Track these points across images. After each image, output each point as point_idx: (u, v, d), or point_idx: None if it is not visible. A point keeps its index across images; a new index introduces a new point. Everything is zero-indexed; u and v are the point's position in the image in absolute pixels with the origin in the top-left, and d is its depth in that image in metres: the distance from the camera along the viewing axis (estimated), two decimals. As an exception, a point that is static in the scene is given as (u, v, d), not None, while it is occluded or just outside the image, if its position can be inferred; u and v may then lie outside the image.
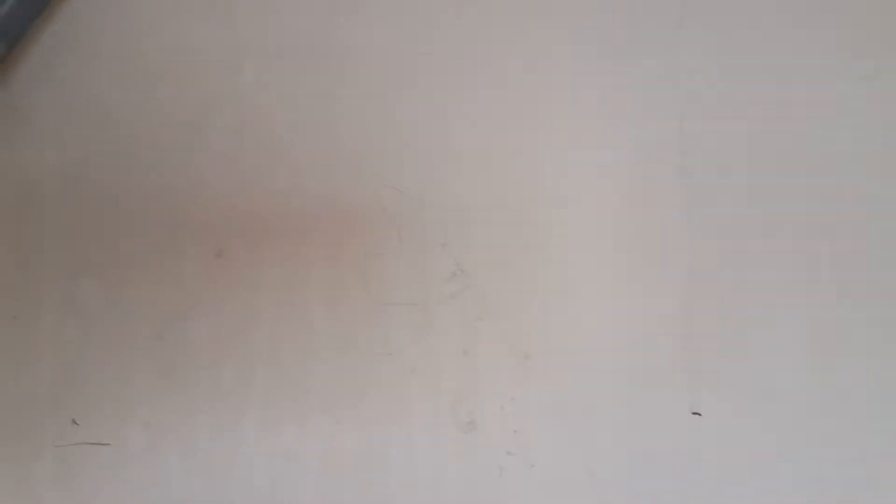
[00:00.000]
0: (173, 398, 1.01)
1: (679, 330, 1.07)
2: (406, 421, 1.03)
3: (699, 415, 1.06)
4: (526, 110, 1.09)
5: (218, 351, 1.02)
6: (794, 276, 1.09)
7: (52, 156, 1.01)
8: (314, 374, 1.02)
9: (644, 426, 1.06)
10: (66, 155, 1.01)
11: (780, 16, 1.11)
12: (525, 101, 1.09)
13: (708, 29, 1.11)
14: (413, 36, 1.08)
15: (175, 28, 1.04)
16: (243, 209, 1.03)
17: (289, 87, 1.05)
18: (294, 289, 1.03)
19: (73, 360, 1.01)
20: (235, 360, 1.02)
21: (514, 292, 1.06)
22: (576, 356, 1.06)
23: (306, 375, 1.02)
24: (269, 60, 1.05)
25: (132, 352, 1.01)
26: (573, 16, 1.10)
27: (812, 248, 1.09)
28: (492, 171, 1.08)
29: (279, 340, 1.02)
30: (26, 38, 0.97)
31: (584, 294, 1.07)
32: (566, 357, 1.06)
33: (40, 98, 1.01)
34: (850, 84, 1.11)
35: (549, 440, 1.05)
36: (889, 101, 1.12)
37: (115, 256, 1.01)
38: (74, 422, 1.02)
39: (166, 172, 1.03)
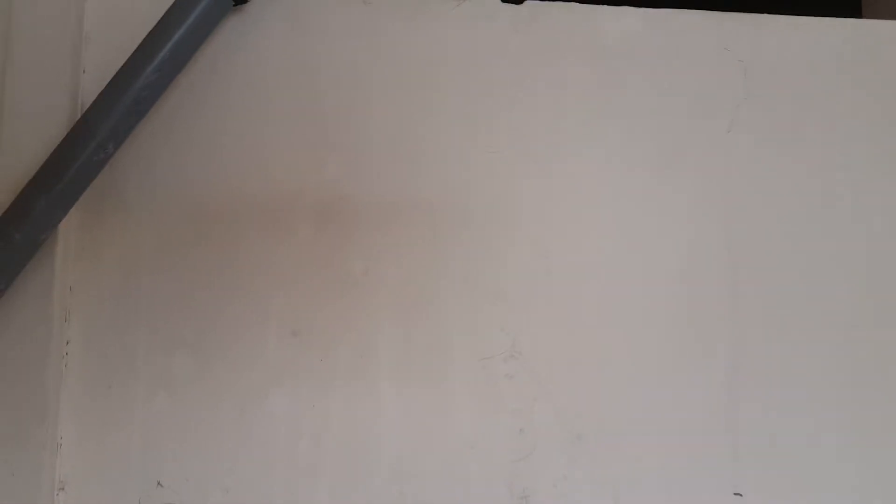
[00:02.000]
0: (252, 467, 1.10)
1: (723, 414, 1.13)
2: (465, 494, 1.10)
3: (741, 496, 1.12)
4: (584, 203, 1.17)
5: (294, 424, 1.10)
6: (838, 365, 1.14)
7: (150, 242, 1.11)
8: (381, 450, 1.10)
9: (688, 505, 1.11)
10: (163, 240, 1.11)
11: (828, 121, 1.18)
12: (584, 195, 1.17)
13: (756, 133, 1.18)
14: (481, 134, 1.16)
15: (262, 126, 1.14)
16: (318, 292, 1.12)
17: (367, 180, 1.14)
18: (364, 368, 1.11)
19: (162, 428, 1.10)
20: (310, 434, 1.10)
21: (568, 375, 1.13)
22: (625, 437, 1.13)
23: (374, 450, 1.10)
24: (351, 155, 1.14)
25: (216, 422, 1.10)
26: (625, 121, 1.18)
27: (855, 338, 1.15)
28: (549, 259, 1.15)
29: (350, 417, 1.10)
30: (129, 139, 1.07)
31: (634, 377, 1.14)
32: (616, 438, 1.13)
33: (140, 190, 1.12)
34: (891, 181, 1.17)
35: (597, 516, 1.11)
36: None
37: (204, 334, 1.10)
38: (160, 484, 1.11)
39: (252, 258, 1.12)
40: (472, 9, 1.18)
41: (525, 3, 1.19)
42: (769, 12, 1.22)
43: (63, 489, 1.11)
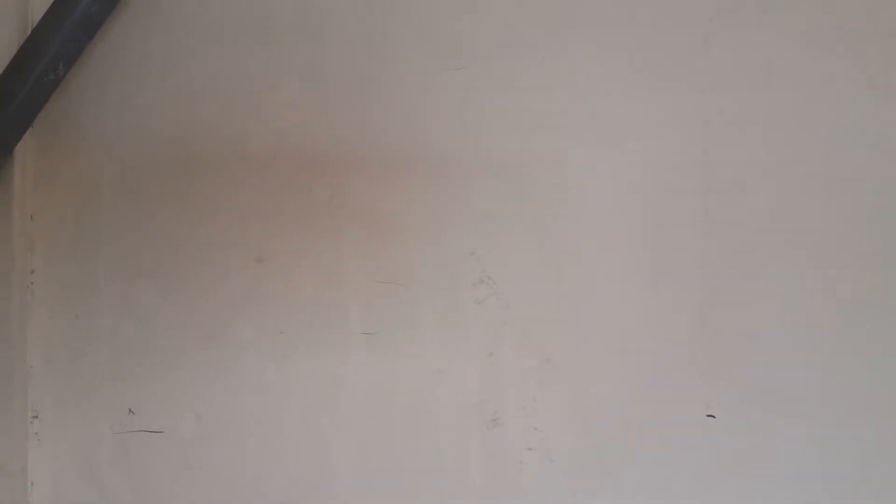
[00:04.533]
0: (221, 393, 1.10)
1: (695, 335, 1.11)
2: (434, 418, 1.11)
3: (713, 417, 1.11)
4: (553, 122, 1.13)
5: (260, 348, 1.10)
6: (809, 284, 1.11)
7: (108, 167, 1.09)
8: (349, 376, 1.10)
9: (659, 427, 1.11)
10: (120, 166, 1.09)
11: (804, 33, 1.12)
12: (553, 113, 1.13)
13: (732, 46, 1.13)
14: (444, 52, 1.12)
15: (216, 50, 1.10)
16: (282, 218, 1.10)
17: (324, 103, 1.11)
18: (329, 293, 1.10)
19: (130, 356, 1.10)
20: (276, 357, 1.10)
21: (537, 299, 1.12)
22: (595, 360, 1.12)
23: (342, 375, 1.10)
24: (305, 78, 1.10)
25: (183, 350, 1.10)
26: (602, 31, 1.12)
27: (827, 259, 1.11)
28: (519, 181, 1.12)
29: (316, 340, 1.10)
30: (81, 61, 1.04)
31: (604, 300, 1.12)
32: (586, 360, 1.12)
33: (95, 114, 1.09)
34: (874, 98, 1.12)
35: (567, 438, 1.11)
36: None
37: (167, 262, 1.09)
38: (131, 411, 1.11)
39: (210, 184, 1.10)
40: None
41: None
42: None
43: (37, 417, 1.12)
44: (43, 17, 1.00)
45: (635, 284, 1.12)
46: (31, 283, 1.10)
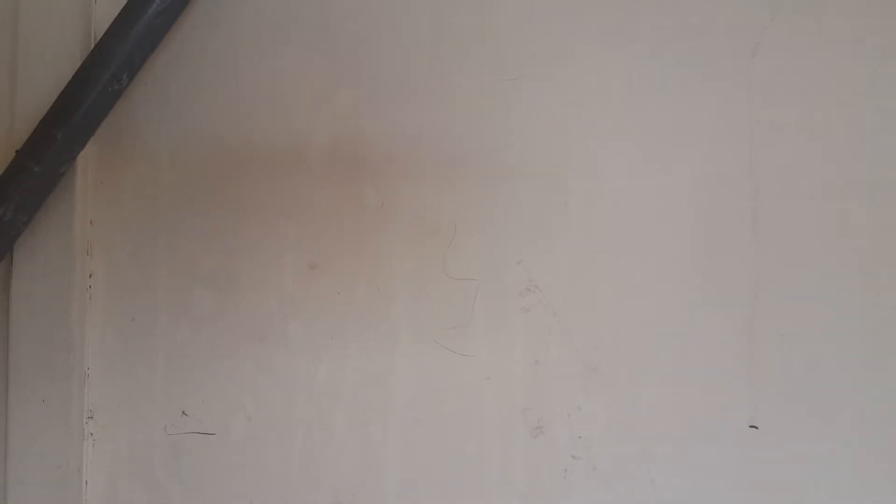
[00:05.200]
0: (273, 394, 1.12)
1: (740, 346, 1.12)
2: (480, 424, 1.12)
3: (756, 428, 1.12)
4: (601, 132, 1.14)
5: (311, 351, 1.12)
6: (856, 295, 1.12)
7: (167, 174, 1.12)
8: (398, 380, 1.12)
9: (703, 437, 1.12)
10: (180, 173, 1.12)
11: (854, 43, 1.13)
12: (601, 123, 1.14)
13: (782, 55, 1.14)
14: (498, 62, 1.14)
15: (274, 58, 1.13)
16: (334, 225, 1.13)
17: (378, 111, 1.13)
18: (379, 298, 1.12)
19: (184, 358, 1.13)
20: (327, 361, 1.12)
21: (584, 307, 1.13)
22: (640, 369, 1.13)
23: (391, 380, 1.12)
24: (362, 87, 1.12)
25: (237, 352, 1.12)
26: (652, 39, 1.14)
27: (875, 269, 1.12)
28: (566, 191, 1.14)
29: (367, 346, 1.12)
30: (143, 71, 1.07)
31: (650, 309, 1.13)
32: (631, 369, 1.13)
33: (156, 122, 1.12)
34: None
35: (611, 446, 1.12)
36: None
37: (223, 267, 1.12)
38: (184, 413, 1.14)
39: (265, 190, 1.12)
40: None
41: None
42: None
43: (92, 417, 1.15)
44: (108, 30, 1.03)
45: (680, 293, 1.13)
46: (90, 287, 1.13)
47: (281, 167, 1.12)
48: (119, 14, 1.02)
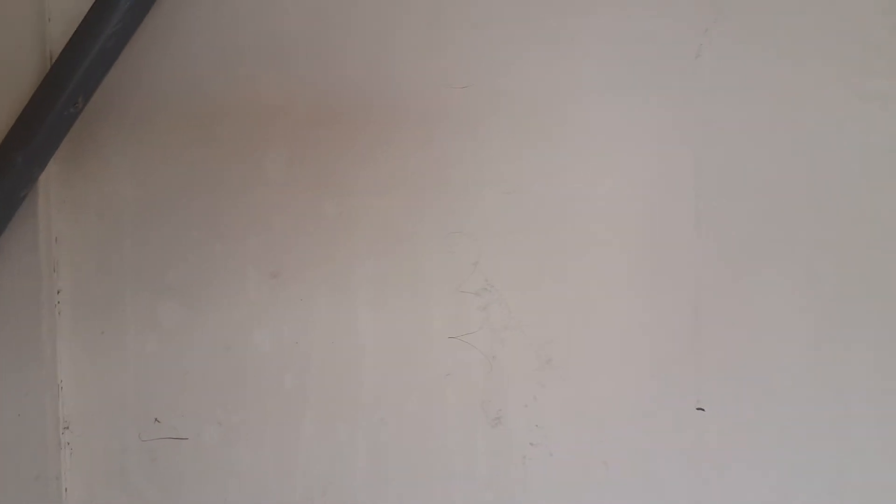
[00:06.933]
0: (242, 399, 1.17)
1: (686, 335, 1.18)
2: (442, 418, 1.18)
3: (703, 410, 1.19)
4: (551, 136, 1.18)
5: (277, 359, 1.17)
6: (797, 284, 1.18)
7: (130, 191, 1.15)
8: (363, 382, 1.17)
9: (653, 420, 1.18)
10: (143, 189, 1.15)
11: (794, 46, 1.17)
12: (551, 124, 1.18)
13: (724, 59, 1.18)
14: (448, 70, 1.17)
15: (228, 74, 1.16)
16: (294, 234, 1.17)
17: (333, 124, 1.16)
18: (341, 304, 1.17)
19: (154, 368, 1.17)
20: (293, 367, 1.17)
21: (538, 304, 1.19)
22: (592, 360, 1.19)
23: (356, 381, 1.17)
24: (316, 101, 1.16)
25: (205, 361, 1.17)
26: (599, 43, 1.18)
27: (815, 260, 1.17)
28: (519, 194, 1.18)
29: (331, 352, 1.17)
30: (99, 92, 1.09)
31: (601, 304, 1.19)
32: (583, 361, 1.19)
33: (116, 141, 1.14)
34: (861, 107, 1.16)
35: (567, 433, 1.19)
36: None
37: (187, 279, 1.16)
38: (157, 420, 1.18)
39: (227, 204, 1.16)
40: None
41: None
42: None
43: (67, 428, 1.19)
44: (61, 54, 1.05)
45: (630, 288, 1.19)
46: (58, 303, 1.16)
47: (241, 182, 1.16)
48: (72, 38, 1.04)
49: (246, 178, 1.16)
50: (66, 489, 1.18)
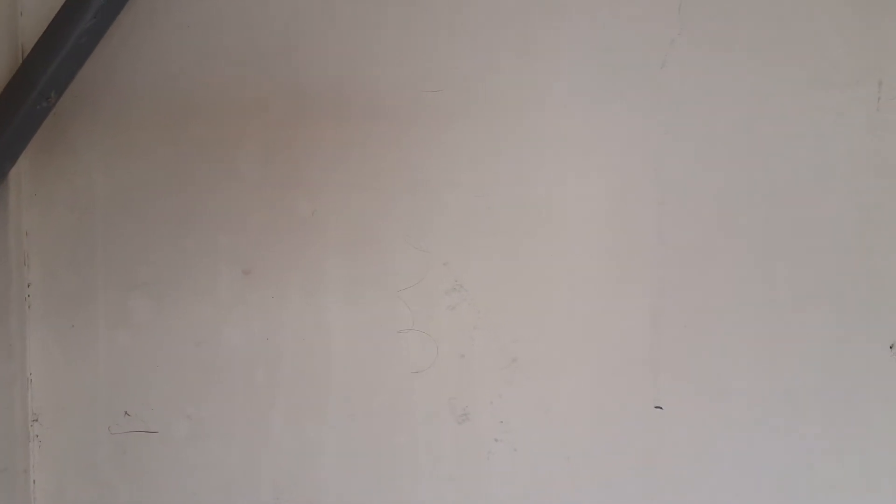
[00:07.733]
0: (212, 394, 1.19)
1: (646, 336, 1.22)
2: (410, 415, 1.21)
3: (661, 409, 1.23)
4: (521, 141, 1.21)
5: (248, 354, 1.19)
6: (751, 289, 1.22)
7: (102, 185, 1.15)
8: (332, 379, 1.20)
9: (613, 418, 1.23)
10: (114, 184, 1.16)
11: (755, 60, 1.21)
12: (521, 130, 1.21)
13: (688, 70, 1.21)
14: (422, 75, 1.20)
15: (204, 72, 1.16)
16: (267, 232, 1.18)
17: (308, 123, 1.18)
18: (312, 301, 1.19)
19: (125, 362, 1.18)
20: (264, 363, 1.19)
21: (505, 305, 1.22)
22: (556, 359, 1.22)
23: (325, 379, 1.20)
24: (291, 101, 1.17)
25: (175, 356, 1.18)
26: (568, 53, 1.21)
27: (770, 266, 1.21)
28: (489, 197, 1.21)
29: (302, 349, 1.19)
30: (72, 87, 1.09)
31: (565, 305, 1.22)
32: (548, 360, 1.22)
33: (88, 135, 1.15)
34: (817, 118, 1.20)
35: (530, 429, 1.23)
36: (852, 134, 1.20)
37: (158, 274, 1.17)
38: (127, 413, 1.19)
39: (200, 200, 1.17)
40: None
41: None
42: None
43: (37, 420, 1.19)
44: (33, 49, 1.04)
45: (593, 290, 1.22)
46: (28, 296, 1.16)
47: (214, 178, 1.17)
48: (44, 33, 1.04)
49: (219, 176, 1.17)
50: (34, 481, 1.19)
